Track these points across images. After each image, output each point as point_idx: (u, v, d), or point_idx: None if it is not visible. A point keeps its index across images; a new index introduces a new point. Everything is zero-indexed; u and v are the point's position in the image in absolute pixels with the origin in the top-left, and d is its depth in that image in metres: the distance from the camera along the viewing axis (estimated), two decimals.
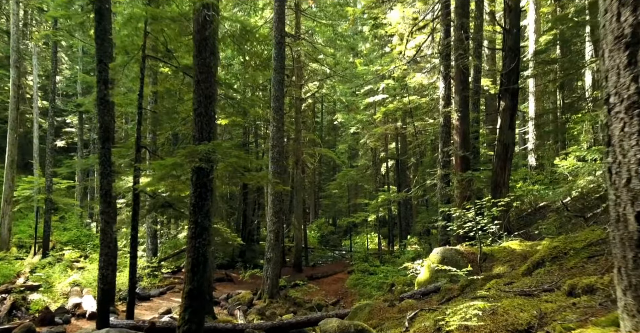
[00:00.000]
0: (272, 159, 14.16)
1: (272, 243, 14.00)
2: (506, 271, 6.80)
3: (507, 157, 11.82)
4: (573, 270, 4.45)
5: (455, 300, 6.32)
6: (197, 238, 6.51)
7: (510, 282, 4.79)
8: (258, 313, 12.49)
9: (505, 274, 6.43)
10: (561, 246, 5.25)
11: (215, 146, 6.33)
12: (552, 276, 4.50)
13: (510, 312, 3.08)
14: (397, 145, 25.19)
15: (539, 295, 3.67)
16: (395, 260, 17.80)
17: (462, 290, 6.56)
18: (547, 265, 5.11)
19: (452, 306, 5.86)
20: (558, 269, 4.75)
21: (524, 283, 4.42)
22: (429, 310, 4.64)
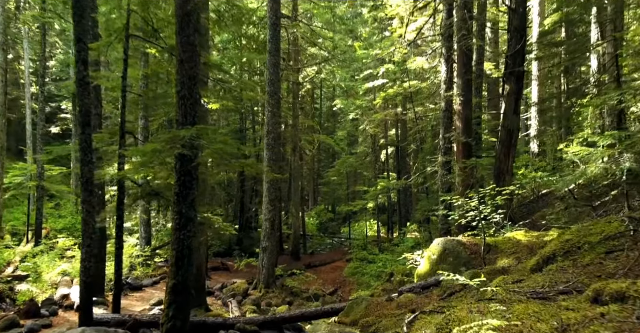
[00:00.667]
0: (267, 145, 13.69)
1: (267, 232, 13.60)
2: (512, 264, 6.38)
3: (511, 143, 11.34)
4: (590, 267, 4.02)
5: (458, 296, 5.92)
6: (182, 230, 6.08)
7: (519, 279, 4.36)
8: (253, 303, 12.14)
9: (511, 268, 6.01)
10: (574, 239, 4.81)
11: (199, 131, 5.85)
12: (567, 274, 4.06)
13: (525, 322, 2.65)
14: (397, 132, 24.68)
15: (555, 298, 3.25)
16: (394, 249, 17.46)
17: (464, 285, 6.14)
18: (559, 261, 4.68)
19: (455, 302, 5.45)
20: (572, 266, 4.32)
21: (536, 282, 3.99)
22: (429, 313, 4.23)
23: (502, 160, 11.35)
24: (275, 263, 16.29)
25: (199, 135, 5.97)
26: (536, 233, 7.74)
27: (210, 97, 9.76)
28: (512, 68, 10.88)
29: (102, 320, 7.50)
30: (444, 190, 12.01)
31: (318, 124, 35.79)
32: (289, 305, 12.94)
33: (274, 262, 13.88)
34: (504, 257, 6.98)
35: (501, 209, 8.41)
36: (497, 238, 7.84)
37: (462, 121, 11.92)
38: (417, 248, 16.17)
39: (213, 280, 15.51)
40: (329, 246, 27.90)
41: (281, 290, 14.14)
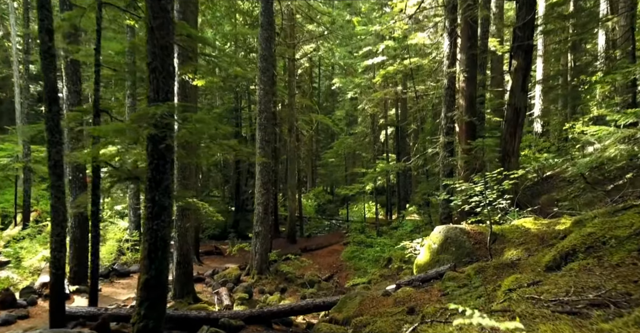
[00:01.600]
0: (260, 125, 12.97)
1: (260, 217, 13.01)
2: (521, 257, 5.77)
3: (517, 123, 10.65)
4: (621, 269, 3.39)
5: (461, 293, 5.33)
6: (155, 220, 5.44)
7: (536, 281, 3.74)
8: (244, 291, 11.63)
9: (521, 262, 5.39)
10: (598, 233, 4.18)
11: (171, 108, 5.16)
12: (594, 276, 3.44)
13: None
14: (397, 111, 23.90)
15: (588, 314, 2.63)
16: (393, 233, 16.94)
17: (469, 280, 5.55)
18: (581, 258, 4.05)
19: (460, 300, 4.84)
20: (598, 265, 3.69)
21: (558, 287, 3.36)
22: (431, 323, 3.61)
23: (507, 141, 10.68)
24: (270, 247, 15.77)
25: (172, 113, 5.28)
26: (546, 221, 7.12)
27: (196, 74, 9.02)
28: (520, 41, 10.09)
29: (76, 314, 6.96)
30: (445, 173, 11.37)
31: (316, 104, 34.95)
32: (283, 292, 12.46)
33: (268, 248, 13.34)
34: (512, 247, 6.37)
35: (507, 194, 7.78)
36: (503, 227, 7.22)
37: (465, 99, 11.19)
38: (417, 232, 15.65)
39: (205, 265, 15.01)
40: (326, 228, 27.42)
41: (275, 275, 13.64)
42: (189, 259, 10.07)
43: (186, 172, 9.95)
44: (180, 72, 9.50)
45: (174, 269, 10.11)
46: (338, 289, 13.26)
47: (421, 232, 15.16)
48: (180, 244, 9.96)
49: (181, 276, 9.96)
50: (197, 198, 27.78)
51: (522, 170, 6.99)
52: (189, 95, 9.84)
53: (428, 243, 7.57)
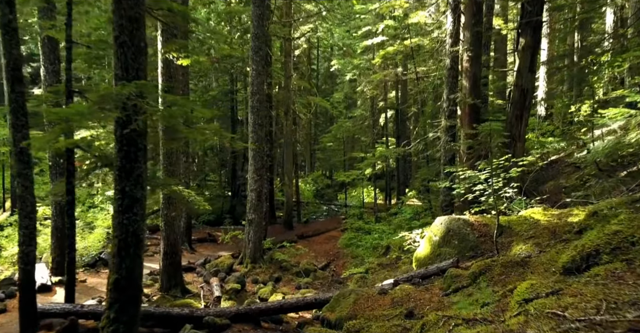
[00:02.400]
0: (252, 108, 12.33)
1: (253, 204, 12.48)
2: (532, 253, 5.24)
3: (524, 105, 10.04)
4: None
5: (465, 293, 4.81)
6: (126, 213, 4.89)
7: (556, 290, 3.19)
8: (237, 281, 11.17)
9: (532, 259, 4.86)
10: (626, 231, 3.63)
11: (141, 88, 4.55)
12: (626, 286, 2.89)
13: None
14: (397, 94, 23.20)
15: None
16: (392, 219, 16.44)
17: (474, 279, 5.02)
18: (606, 260, 3.51)
19: (463, 303, 4.33)
20: (628, 271, 3.15)
21: (584, 300, 2.82)
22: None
23: (513, 124, 10.08)
24: (265, 234, 15.30)
25: (142, 93, 4.67)
26: (557, 212, 6.57)
27: (180, 53, 8.36)
28: (529, 17, 9.40)
29: (50, 311, 6.47)
30: (446, 159, 10.80)
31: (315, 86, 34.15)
32: (277, 282, 12.01)
33: (262, 235, 12.86)
34: (520, 241, 5.83)
35: (514, 182, 7.21)
36: (510, 218, 6.68)
37: (469, 80, 10.54)
38: (416, 219, 15.16)
39: (198, 253, 14.55)
40: (324, 213, 26.97)
41: (269, 264, 13.18)
42: (176, 249, 9.57)
43: (172, 157, 9.37)
44: (163, 51, 8.84)
45: (160, 260, 9.63)
46: (334, 279, 12.82)
47: (420, 218, 14.68)
48: (167, 233, 9.45)
49: (168, 267, 9.48)
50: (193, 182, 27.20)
51: (532, 157, 6.42)
52: (174, 75, 9.20)
53: (428, 235, 7.05)
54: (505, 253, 5.69)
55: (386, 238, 14.56)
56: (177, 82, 9.24)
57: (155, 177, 7.33)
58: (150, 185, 7.35)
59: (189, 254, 14.15)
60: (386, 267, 12.40)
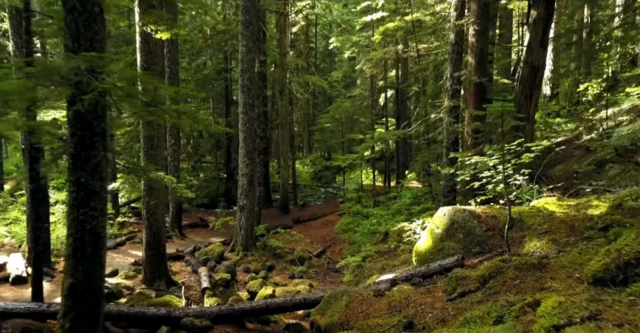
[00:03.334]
0: (242, 87, 11.57)
1: (245, 189, 11.84)
2: (548, 252, 4.60)
3: (534, 84, 9.29)
4: None
5: (473, 298, 4.18)
6: (81, 208, 4.23)
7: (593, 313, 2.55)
8: (227, 270, 10.62)
9: (551, 261, 4.22)
10: None
11: (91, 61, 3.81)
12: None
13: None
14: (398, 73, 22.30)
15: None
16: (391, 204, 15.83)
17: (483, 283, 4.39)
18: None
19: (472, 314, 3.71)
20: None
21: None
22: None
23: (522, 104, 9.36)
24: (259, 220, 14.72)
25: (96, 67, 3.94)
26: (573, 202, 5.92)
27: (159, 25, 7.57)
28: None
29: (13, 311, 5.87)
30: (450, 141, 10.09)
31: (313, 65, 33.13)
32: (270, 271, 11.48)
33: (254, 222, 12.25)
34: (534, 237, 5.19)
35: (524, 168, 6.53)
36: (521, 209, 6.03)
37: (475, 56, 9.75)
38: (416, 204, 14.53)
39: (188, 239, 13.98)
40: (322, 196, 26.38)
41: (263, 251, 12.63)
42: (160, 238, 8.96)
43: (154, 141, 8.67)
44: (141, 23, 8.04)
45: (143, 250, 9.03)
46: (330, 267, 12.29)
47: (421, 203, 14.06)
48: (150, 222, 8.82)
49: (152, 258, 8.88)
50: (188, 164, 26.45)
51: (547, 141, 5.71)
52: (153, 51, 8.41)
53: (430, 227, 6.41)
54: (517, 250, 5.06)
55: (384, 224, 13.98)
56: (157, 58, 8.46)
57: (131, 163, 6.64)
58: (125, 172, 6.69)
59: (179, 241, 13.59)
60: (384, 255, 11.85)
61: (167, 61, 13.32)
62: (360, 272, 10.90)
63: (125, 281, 8.94)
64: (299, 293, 6.77)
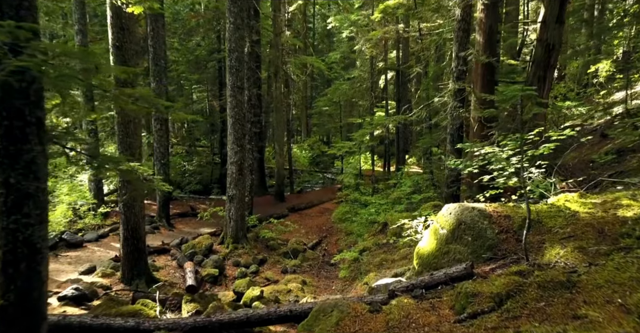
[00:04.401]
0: (230, 68, 10.71)
1: (234, 178, 11.09)
2: (575, 262, 3.86)
3: (549, 64, 8.43)
4: None
5: (488, 321, 3.46)
6: (12, 214, 3.48)
7: None
8: (215, 265, 9.97)
9: (582, 278, 3.48)
10: None
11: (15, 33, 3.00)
12: None
13: None
14: (398, 53, 21.31)
15: None
16: (390, 192, 15.10)
17: (498, 303, 3.67)
18: None
19: None
20: None
21: None
22: None
23: (534, 87, 8.50)
24: (251, 208, 14.02)
25: (21, 41, 3.13)
26: (599, 199, 5.16)
27: None
28: None
29: None
30: (454, 127, 9.30)
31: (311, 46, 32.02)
32: (261, 264, 10.83)
33: (244, 213, 11.54)
34: (555, 242, 4.45)
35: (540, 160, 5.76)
36: (538, 208, 5.28)
37: (483, 34, 8.87)
38: (417, 193, 13.79)
39: (177, 230, 13.29)
40: (320, 181, 25.67)
41: (255, 243, 11.96)
42: (138, 234, 8.24)
43: (130, 128, 7.88)
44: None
45: (121, 247, 8.33)
46: (325, 260, 11.63)
47: (422, 192, 13.32)
48: (127, 217, 8.10)
49: (130, 255, 8.19)
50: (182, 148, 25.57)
51: (569, 131, 4.91)
52: (127, 28, 7.54)
53: (434, 227, 5.67)
54: (535, 258, 4.32)
55: (383, 214, 13.27)
56: (131, 36, 7.60)
57: (97, 153, 5.87)
58: (91, 164, 5.93)
59: (167, 232, 12.90)
60: (382, 247, 11.17)
61: (150, 40, 12.42)
62: (357, 266, 10.23)
63: (102, 279, 8.25)
64: (283, 305, 6.06)
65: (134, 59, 7.73)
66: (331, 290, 9.39)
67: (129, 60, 7.61)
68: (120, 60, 7.51)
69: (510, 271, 4.13)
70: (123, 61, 7.56)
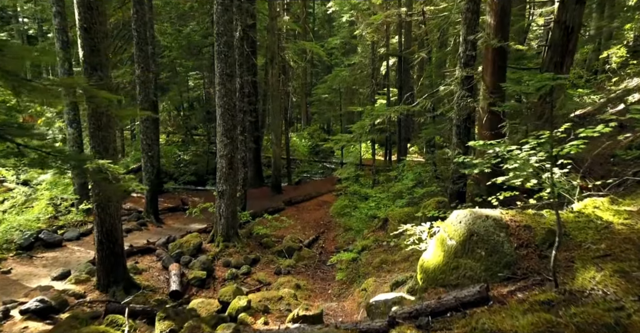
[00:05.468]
0: (218, 53, 9.88)
1: (224, 173, 10.35)
2: (622, 297, 3.12)
3: (567, 49, 7.62)
4: None
5: None
6: None
7: None
8: (203, 267, 9.29)
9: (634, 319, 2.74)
10: None
11: None
12: None
13: None
14: (400, 39, 20.36)
15: None
16: (391, 185, 14.35)
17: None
18: None
19: None
20: None
21: None
22: None
23: None
24: (244, 203, 13.30)
25: None
26: (634, 207, 4.41)
27: None
28: None
29: None
30: (461, 118, 8.50)
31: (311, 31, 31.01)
32: (254, 265, 10.15)
33: (235, 209, 10.82)
34: (589, 263, 3.71)
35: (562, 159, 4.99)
36: (563, 216, 4.52)
37: (495, 15, 8.01)
38: (419, 187, 13.03)
39: (166, 226, 12.60)
40: (320, 171, 24.94)
41: (248, 240, 11.28)
42: (114, 237, 7.53)
43: (102, 120, 7.11)
44: None
45: (95, 251, 7.62)
46: (322, 259, 10.95)
47: (425, 186, 12.55)
48: (101, 218, 7.38)
49: (106, 259, 7.49)
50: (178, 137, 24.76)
51: (603, 127, 4.12)
52: (95, 7, 6.71)
53: (441, 236, 4.93)
54: (565, 280, 3.59)
55: (384, 208, 12.55)
56: (100, 17, 6.78)
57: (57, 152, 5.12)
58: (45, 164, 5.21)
59: (155, 228, 12.21)
60: (383, 246, 10.48)
61: (134, 23, 11.57)
62: (355, 267, 9.54)
63: (76, 287, 7.56)
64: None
65: (105, 42, 6.92)
66: (327, 294, 8.72)
67: (99, 43, 6.81)
68: (89, 45, 6.71)
69: (535, 300, 3.40)
70: (92, 45, 6.76)
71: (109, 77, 7.16)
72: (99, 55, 6.89)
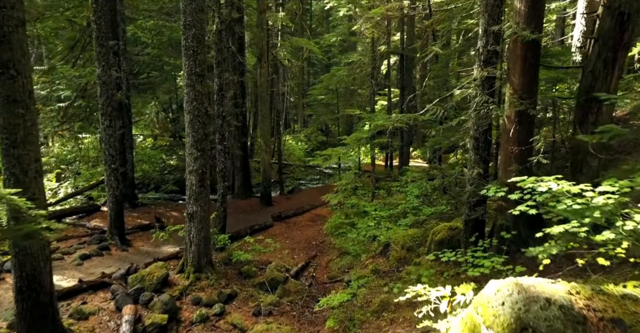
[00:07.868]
0: (186, 49, 8.21)
1: (194, 191, 8.69)
2: None
3: (621, 41, 5.97)
4: None
5: None
6: None
7: None
8: (164, 308, 7.61)
9: None
10: None
11: None
12: None
13: None
14: (402, 35, 18.71)
15: None
16: (392, 199, 12.68)
17: None
18: None
19: None
20: None
21: None
22: None
23: (598, 74, 6.08)
24: (224, 224, 11.60)
25: None
26: None
27: None
28: None
29: None
30: (481, 130, 6.80)
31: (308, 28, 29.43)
32: (229, 302, 8.51)
33: (208, 234, 9.15)
34: None
35: None
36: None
37: (525, 0, 6.35)
38: (425, 204, 11.38)
39: (133, 249, 10.88)
40: (316, 177, 23.28)
41: (225, 268, 9.64)
42: (39, 284, 5.86)
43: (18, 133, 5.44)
44: None
45: (15, 301, 5.95)
46: (312, 293, 9.26)
47: (432, 203, 10.91)
48: (20, 261, 5.71)
49: (27, 313, 5.82)
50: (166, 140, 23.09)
51: None
52: None
53: (472, 321, 3.25)
54: None
55: (385, 229, 10.89)
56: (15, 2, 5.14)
57: None
58: None
59: (119, 253, 10.51)
60: (384, 277, 8.85)
61: (93, 15, 9.91)
62: (350, 309, 7.86)
63: None
64: None
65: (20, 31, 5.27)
66: None
67: (9, 33, 5.16)
68: None
69: None
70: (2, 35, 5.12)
71: (28, 78, 5.50)
72: (10, 49, 5.24)
